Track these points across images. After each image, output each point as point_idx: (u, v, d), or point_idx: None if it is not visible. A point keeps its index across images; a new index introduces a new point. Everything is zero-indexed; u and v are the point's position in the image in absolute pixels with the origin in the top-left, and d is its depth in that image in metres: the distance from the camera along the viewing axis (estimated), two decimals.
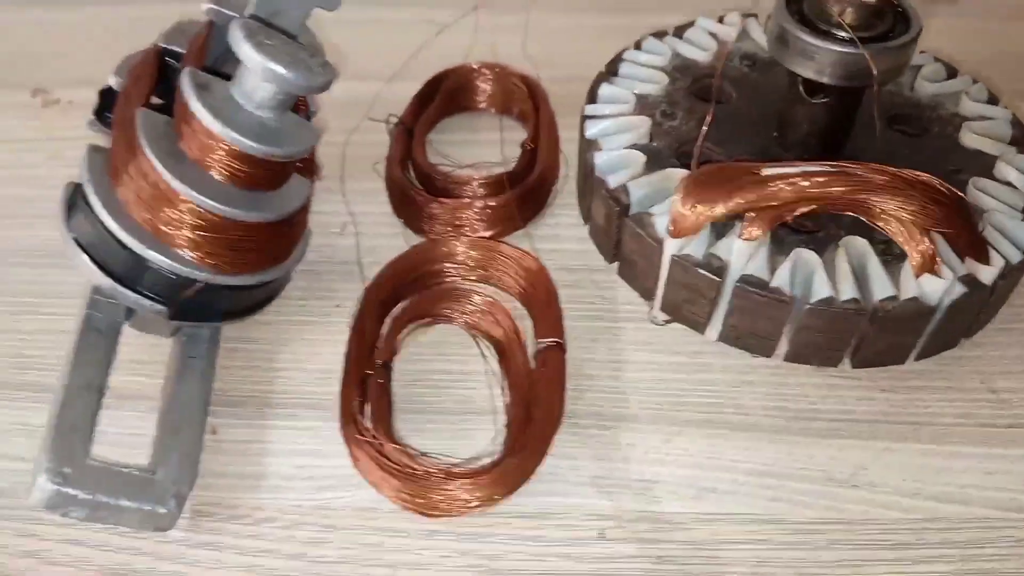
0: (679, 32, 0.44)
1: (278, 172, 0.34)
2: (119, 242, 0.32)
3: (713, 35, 0.44)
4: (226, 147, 0.31)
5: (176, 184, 0.31)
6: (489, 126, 0.50)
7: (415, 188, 0.44)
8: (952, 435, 0.36)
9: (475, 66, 0.49)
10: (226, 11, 0.36)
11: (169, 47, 0.36)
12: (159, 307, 0.33)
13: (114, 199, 0.32)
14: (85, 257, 0.32)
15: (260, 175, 0.33)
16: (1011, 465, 0.35)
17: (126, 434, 0.35)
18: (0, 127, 0.51)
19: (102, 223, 0.32)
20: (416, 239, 0.43)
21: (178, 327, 0.36)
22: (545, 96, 0.48)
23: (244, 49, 0.30)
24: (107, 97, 0.37)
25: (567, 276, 0.41)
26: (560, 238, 0.44)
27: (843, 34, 0.33)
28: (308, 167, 0.39)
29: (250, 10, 0.35)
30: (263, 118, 0.32)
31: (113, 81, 0.37)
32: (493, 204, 0.42)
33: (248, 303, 0.37)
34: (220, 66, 0.36)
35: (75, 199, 0.34)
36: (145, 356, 0.37)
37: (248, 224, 0.33)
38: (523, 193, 0.43)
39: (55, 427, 0.30)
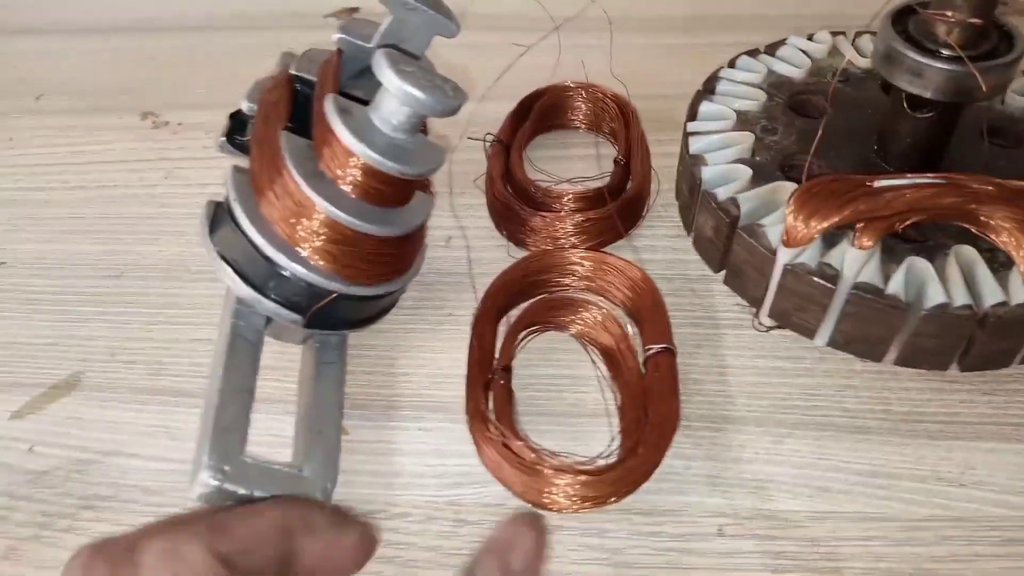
0: (770, 50, 0.46)
1: (406, 189, 0.36)
2: (263, 255, 0.34)
3: (804, 52, 0.45)
4: (363, 166, 0.33)
5: (318, 201, 0.33)
6: (581, 143, 0.52)
7: (516, 202, 0.46)
8: None
9: (568, 84, 0.51)
10: (354, 40, 0.38)
11: (299, 74, 0.39)
12: (295, 316, 0.35)
13: (259, 215, 0.34)
14: (230, 269, 0.35)
15: (391, 192, 0.35)
16: None
17: (264, 435, 0.38)
18: (116, 149, 0.54)
19: (248, 237, 0.34)
20: (517, 251, 0.45)
21: (309, 335, 0.38)
22: (636, 113, 0.50)
23: (389, 75, 0.32)
24: (236, 120, 0.40)
25: (665, 285, 0.43)
26: (655, 248, 0.45)
27: (949, 52, 0.34)
28: (425, 184, 0.41)
29: (376, 40, 0.38)
30: (398, 139, 0.34)
31: (245, 106, 0.39)
32: (594, 217, 0.44)
33: (372, 312, 0.39)
34: (346, 91, 0.38)
35: (217, 216, 0.36)
36: (274, 362, 0.40)
37: (379, 238, 0.35)
38: (621, 206, 0.45)
39: (213, 427, 0.32)
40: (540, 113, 0.51)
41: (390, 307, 0.41)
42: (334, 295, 0.35)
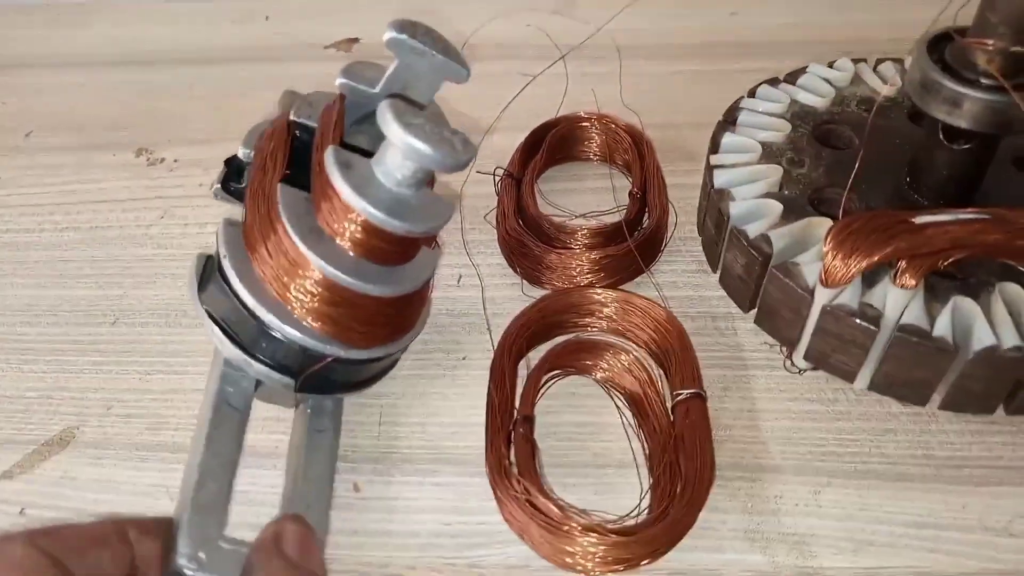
0: (791, 79, 0.45)
1: (410, 247, 0.34)
2: (255, 317, 0.31)
3: (827, 80, 0.44)
4: (364, 223, 0.31)
5: (314, 259, 0.31)
6: (594, 174, 0.51)
7: (529, 239, 0.44)
8: None
9: (583, 115, 0.50)
10: (358, 86, 0.36)
11: (298, 120, 0.36)
12: (287, 380, 0.33)
13: (250, 273, 0.32)
14: (218, 330, 0.32)
15: (394, 250, 0.33)
16: None
17: (268, 493, 0.35)
18: (109, 188, 0.52)
19: (238, 297, 0.32)
20: (531, 289, 0.43)
21: (302, 399, 0.36)
22: (651, 144, 0.49)
23: (394, 129, 0.30)
24: (231, 165, 0.37)
25: (688, 324, 0.41)
26: (676, 285, 0.44)
27: (989, 82, 0.33)
28: (429, 238, 0.39)
29: (381, 85, 0.36)
30: (403, 195, 0.32)
31: (241, 152, 0.36)
32: (613, 253, 0.43)
33: (370, 375, 0.37)
34: (348, 138, 0.36)
35: (207, 271, 0.34)
36: (280, 414, 0.38)
37: (380, 299, 0.33)
38: (640, 241, 0.43)
39: (191, 508, 0.29)
40: (552, 145, 0.50)
41: (390, 367, 0.38)
42: (329, 359, 0.32)
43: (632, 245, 0.42)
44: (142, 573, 0.28)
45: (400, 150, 0.30)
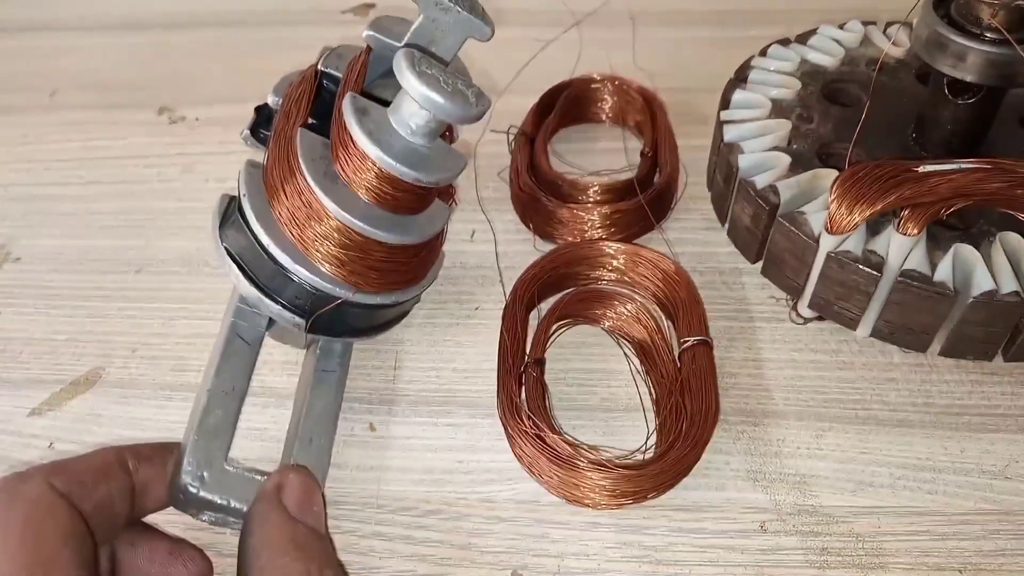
0: (802, 39, 0.45)
1: (423, 197, 0.35)
2: (270, 256, 0.33)
3: (837, 41, 0.45)
4: (378, 171, 0.32)
5: (328, 204, 0.32)
6: (606, 136, 0.51)
7: (543, 195, 0.45)
8: None
9: (596, 77, 0.51)
10: (384, 38, 0.37)
11: (326, 70, 0.37)
12: (298, 319, 0.34)
13: (268, 214, 0.33)
14: (235, 267, 0.33)
15: (406, 199, 0.34)
16: None
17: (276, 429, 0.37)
18: (133, 144, 0.54)
19: (255, 236, 0.33)
20: (543, 244, 0.44)
21: (313, 340, 0.36)
22: (663, 106, 0.49)
23: (408, 77, 0.31)
24: (262, 113, 0.38)
25: (697, 278, 0.42)
26: (685, 241, 0.44)
27: (993, 35, 0.33)
28: (447, 192, 0.40)
29: (408, 38, 0.36)
30: (416, 144, 0.33)
31: (271, 99, 0.38)
32: (623, 208, 0.43)
33: (380, 322, 0.38)
34: (373, 90, 0.37)
35: (229, 210, 0.35)
36: (299, 357, 0.39)
37: (391, 246, 0.34)
38: (651, 197, 0.44)
39: (197, 430, 0.31)
40: (565, 106, 0.50)
41: (400, 317, 0.39)
42: (339, 301, 0.34)
43: (643, 200, 0.43)
44: (141, 497, 0.29)
45: (414, 99, 0.31)
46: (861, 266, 0.34)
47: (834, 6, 0.61)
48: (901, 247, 0.33)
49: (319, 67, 0.37)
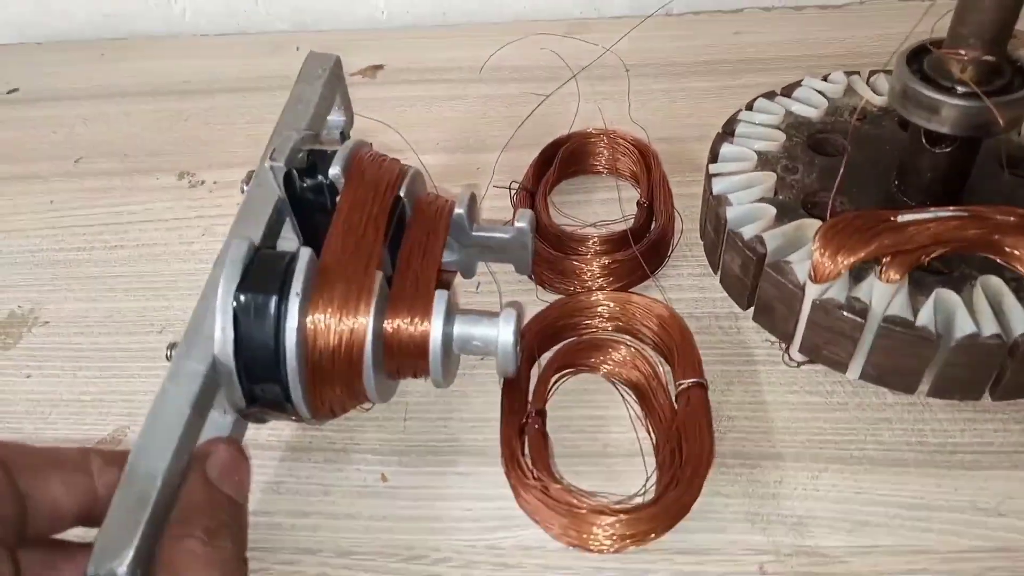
0: (787, 92, 0.47)
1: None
2: (277, 355, 0.31)
3: (820, 92, 0.47)
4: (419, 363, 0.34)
5: (370, 392, 0.34)
6: (603, 187, 0.53)
7: (545, 247, 0.47)
8: None
9: (592, 131, 0.53)
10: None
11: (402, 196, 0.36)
12: (240, 403, 0.33)
13: (304, 317, 0.31)
14: (231, 334, 0.31)
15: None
16: None
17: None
18: (154, 209, 0.56)
19: (280, 335, 0.31)
20: (545, 294, 0.46)
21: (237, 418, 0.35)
22: (657, 156, 0.51)
23: (504, 335, 0.35)
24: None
25: (694, 324, 0.43)
26: (683, 288, 0.46)
27: (964, 89, 0.35)
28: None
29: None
30: (454, 356, 0.36)
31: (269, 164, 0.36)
32: (621, 259, 0.45)
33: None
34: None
35: (255, 267, 0.32)
36: None
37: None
38: (647, 246, 0.46)
39: (148, 518, 0.27)
40: (563, 160, 0.53)
41: None
42: (292, 416, 0.34)
43: (637, 250, 0.45)
44: (104, 501, 0.28)
45: (496, 344, 0.34)
46: (846, 312, 0.35)
47: (821, 52, 0.64)
48: (883, 293, 0.35)
49: (400, 194, 0.36)
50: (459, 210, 0.39)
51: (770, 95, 0.47)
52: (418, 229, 0.36)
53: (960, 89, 0.35)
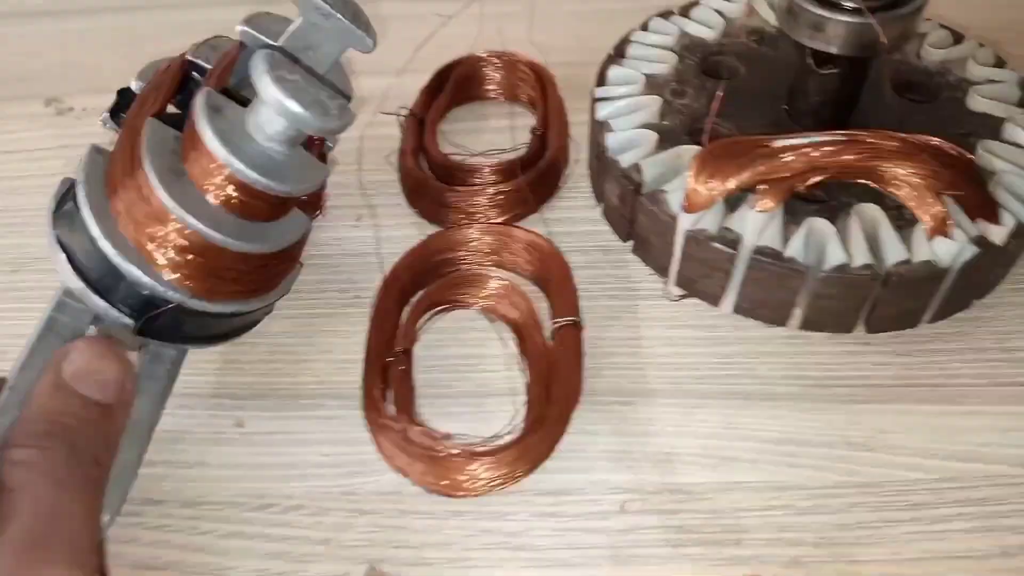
0: (685, 12, 0.45)
1: (277, 206, 0.33)
2: (100, 251, 0.31)
3: (719, 12, 0.44)
4: (227, 174, 0.31)
5: (169, 202, 0.30)
6: (498, 113, 0.51)
7: (428, 178, 0.44)
8: (968, 395, 0.36)
9: (482, 55, 0.50)
10: (259, 35, 0.35)
11: (196, 60, 0.35)
12: (126, 320, 0.32)
13: (104, 206, 0.31)
14: (63, 257, 0.31)
15: (258, 206, 0.32)
16: None
17: None
18: (17, 138, 0.52)
19: (87, 227, 0.31)
20: (431, 228, 0.44)
21: (143, 343, 0.34)
22: (552, 81, 0.49)
23: (263, 81, 0.29)
24: (125, 97, 0.37)
25: (582, 257, 0.42)
26: (573, 220, 0.44)
27: (850, 4, 0.33)
28: (313, 202, 0.38)
29: (283, 40, 0.35)
30: (271, 150, 0.31)
31: (134, 84, 0.36)
32: (506, 190, 0.43)
33: (220, 331, 0.36)
34: (243, 89, 0.35)
35: (67, 196, 0.33)
36: None
37: (235, 253, 0.32)
38: (535, 177, 0.43)
39: None
40: (455, 85, 0.50)
41: (247, 327, 0.37)
42: (172, 306, 0.32)
43: (524, 181, 0.43)
44: None
45: (267, 103, 0.30)
46: (717, 244, 0.33)
47: None
48: (756, 223, 0.33)
49: (188, 56, 0.36)
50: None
51: (666, 14, 0.45)
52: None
53: (847, 5, 0.33)
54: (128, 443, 0.32)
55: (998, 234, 0.33)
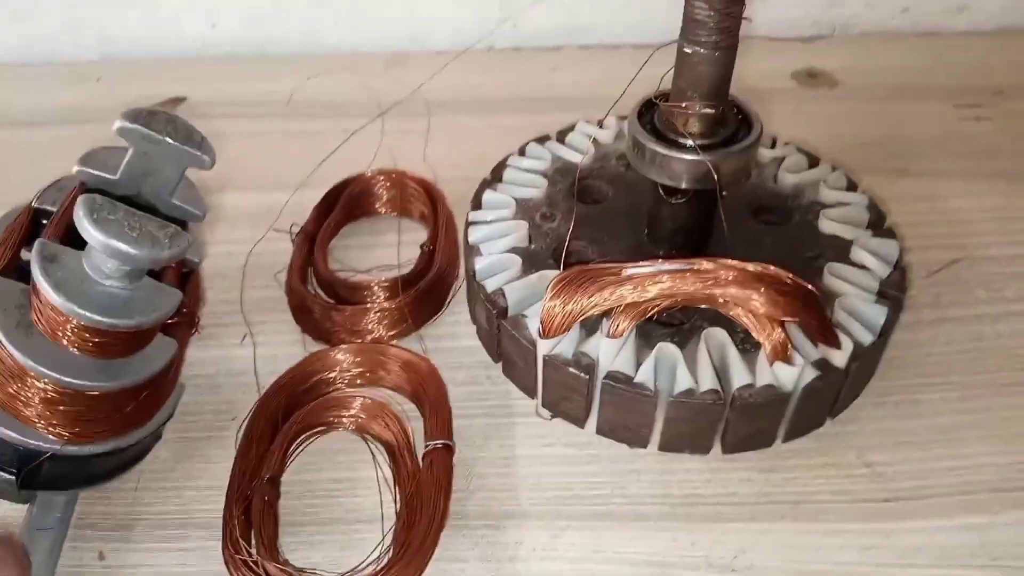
0: (561, 136, 0.47)
1: (134, 339, 0.34)
2: None
3: (592, 138, 0.46)
4: (74, 321, 0.31)
5: (21, 358, 0.31)
6: (390, 229, 0.52)
7: (313, 296, 0.45)
8: (829, 512, 0.37)
9: (372, 173, 0.51)
10: (97, 172, 0.36)
11: (43, 207, 0.36)
12: (7, 477, 0.32)
13: None
14: None
15: (114, 344, 0.33)
16: (885, 539, 0.36)
17: None
18: None
19: None
20: (318, 346, 0.44)
21: (31, 495, 0.34)
22: (442, 198, 0.50)
23: (84, 227, 0.30)
24: None
25: (462, 374, 0.42)
26: (457, 335, 0.45)
27: (689, 143, 0.35)
28: (186, 321, 0.39)
29: (120, 172, 0.36)
30: (112, 288, 0.32)
31: None
32: (388, 308, 0.44)
33: (107, 468, 0.36)
34: None
35: None
36: None
37: (101, 394, 0.33)
38: (418, 295, 0.44)
39: None
40: (348, 202, 0.51)
41: (139, 457, 0.38)
42: (46, 455, 0.32)
43: (405, 300, 0.44)
44: None
45: (96, 247, 0.31)
46: (572, 369, 0.34)
47: (632, 91, 0.64)
48: (610, 348, 0.34)
49: (33, 204, 0.36)
50: None
51: (543, 139, 0.47)
52: None
53: (686, 143, 0.35)
54: None
55: (838, 358, 0.35)
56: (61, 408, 0.32)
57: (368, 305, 0.44)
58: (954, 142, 0.59)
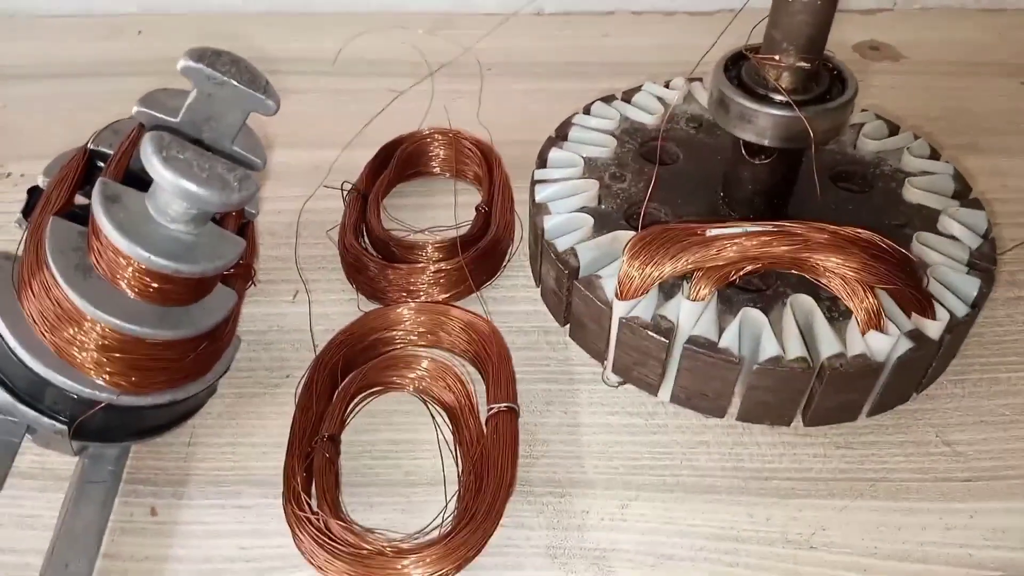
0: (627, 96, 0.45)
1: (196, 286, 0.32)
2: (17, 357, 0.30)
3: (660, 99, 0.44)
4: (134, 264, 0.30)
5: (79, 302, 0.29)
6: (443, 190, 0.50)
7: (368, 254, 0.44)
8: (909, 491, 0.35)
9: (427, 132, 0.50)
10: (157, 114, 0.34)
11: (99, 148, 0.35)
12: (59, 427, 0.31)
13: (17, 312, 0.30)
14: None
15: (176, 291, 0.31)
16: (968, 520, 0.34)
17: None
18: None
19: (3, 338, 0.30)
20: (371, 305, 0.43)
21: (83, 446, 0.33)
22: (499, 159, 0.49)
23: (152, 165, 0.28)
24: (33, 195, 0.35)
25: (522, 338, 0.41)
26: (515, 300, 0.43)
27: (780, 97, 0.33)
28: (242, 273, 0.38)
29: (182, 115, 0.34)
30: (178, 232, 0.30)
31: (41, 180, 0.35)
32: (446, 268, 0.42)
33: (160, 421, 0.35)
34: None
35: None
36: None
37: (159, 342, 0.31)
38: (476, 256, 0.43)
39: None
40: (400, 161, 0.49)
41: (192, 411, 0.37)
42: (101, 405, 0.31)
43: (464, 260, 0.42)
44: None
45: (165, 187, 0.29)
46: (651, 332, 0.33)
47: (686, 58, 0.62)
48: (691, 312, 0.33)
49: (89, 146, 0.35)
50: None
51: (609, 99, 0.45)
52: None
53: (776, 98, 0.34)
54: (76, 556, 0.30)
55: (933, 329, 0.33)
56: (118, 355, 0.31)
57: (424, 264, 0.43)
58: (1023, 119, 0.57)
